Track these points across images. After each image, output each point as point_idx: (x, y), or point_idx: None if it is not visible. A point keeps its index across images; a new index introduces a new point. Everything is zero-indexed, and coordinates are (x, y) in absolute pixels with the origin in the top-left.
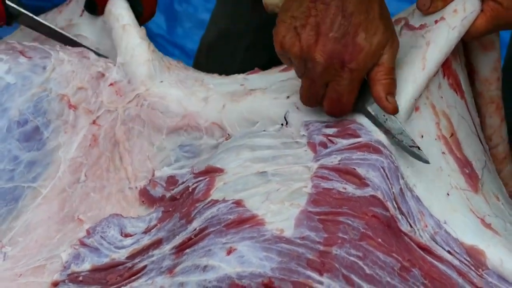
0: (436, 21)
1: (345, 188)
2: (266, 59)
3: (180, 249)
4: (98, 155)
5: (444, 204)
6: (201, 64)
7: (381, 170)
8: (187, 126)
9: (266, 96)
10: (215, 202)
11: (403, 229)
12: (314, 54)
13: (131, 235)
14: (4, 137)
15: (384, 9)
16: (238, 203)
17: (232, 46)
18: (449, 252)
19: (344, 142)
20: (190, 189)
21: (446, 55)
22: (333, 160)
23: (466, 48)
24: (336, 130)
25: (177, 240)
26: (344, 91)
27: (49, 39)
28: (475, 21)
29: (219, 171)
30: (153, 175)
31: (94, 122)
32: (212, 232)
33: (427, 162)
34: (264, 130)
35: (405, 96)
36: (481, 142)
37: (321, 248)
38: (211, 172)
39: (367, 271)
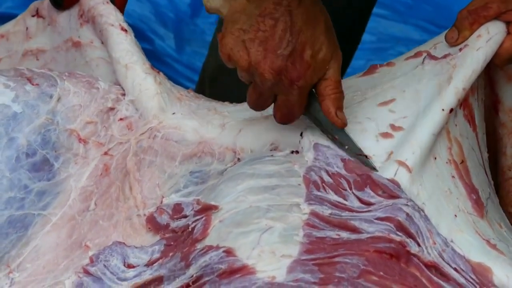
0: (460, 49)
1: (338, 235)
2: None
3: None
4: (109, 184)
5: (451, 224)
6: (204, 94)
7: (374, 221)
8: (201, 152)
9: None
10: (209, 248)
11: (412, 251)
12: (263, 71)
13: (133, 266)
14: (13, 167)
15: (328, 23)
16: (229, 251)
17: (236, 75)
18: (455, 269)
19: (335, 197)
20: (190, 228)
21: (474, 74)
22: (324, 211)
23: (491, 78)
24: (332, 182)
25: (177, 283)
26: (293, 104)
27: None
28: (503, 44)
29: (214, 208)
30: (162, 202)
31: (106, 153)
32: (207, 282)
33: (375, 169)
34: (271, 155)
35: (432, 108)
36: (487, 176)
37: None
38: (208, 209)
39: None
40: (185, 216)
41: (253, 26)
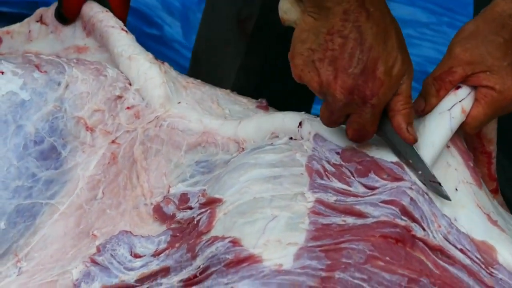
0: None
1: (344, 221)
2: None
3: (187, 284)
4: (116, 172)
5: (453, 200)
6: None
7: (379, 204)
8: (205, 142)
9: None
10: (215, 239)
11: (418, 235)
12: (334, 91)
13: (140, 256)
14: (21, 155)
15: (400, 37)
16: (235, 242)
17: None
18: (461, 250)
19: (339, 184)
20: (195, 221)
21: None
22: (329, 198)
23: None
24: (334, 171)
25: (184, 274)
26: (366, 123)
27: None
28: (471, 111)
29: (218, 201)
30: (168, 191)
31: (113, 141)
32: (214, 272)
33: (448, 198)
34: (271, 144)
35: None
36: None
37: (323, 274)
38: (212, 203)
39: None
40: (191, 208)
41: (322, 45)
